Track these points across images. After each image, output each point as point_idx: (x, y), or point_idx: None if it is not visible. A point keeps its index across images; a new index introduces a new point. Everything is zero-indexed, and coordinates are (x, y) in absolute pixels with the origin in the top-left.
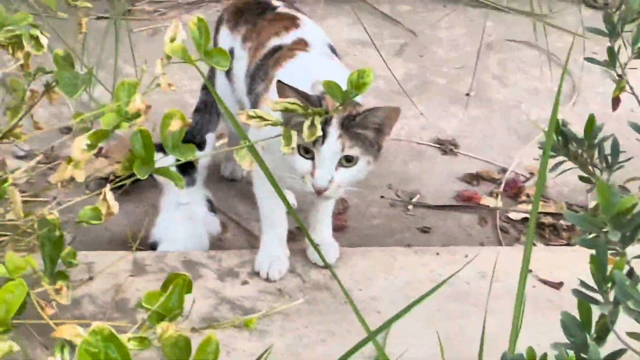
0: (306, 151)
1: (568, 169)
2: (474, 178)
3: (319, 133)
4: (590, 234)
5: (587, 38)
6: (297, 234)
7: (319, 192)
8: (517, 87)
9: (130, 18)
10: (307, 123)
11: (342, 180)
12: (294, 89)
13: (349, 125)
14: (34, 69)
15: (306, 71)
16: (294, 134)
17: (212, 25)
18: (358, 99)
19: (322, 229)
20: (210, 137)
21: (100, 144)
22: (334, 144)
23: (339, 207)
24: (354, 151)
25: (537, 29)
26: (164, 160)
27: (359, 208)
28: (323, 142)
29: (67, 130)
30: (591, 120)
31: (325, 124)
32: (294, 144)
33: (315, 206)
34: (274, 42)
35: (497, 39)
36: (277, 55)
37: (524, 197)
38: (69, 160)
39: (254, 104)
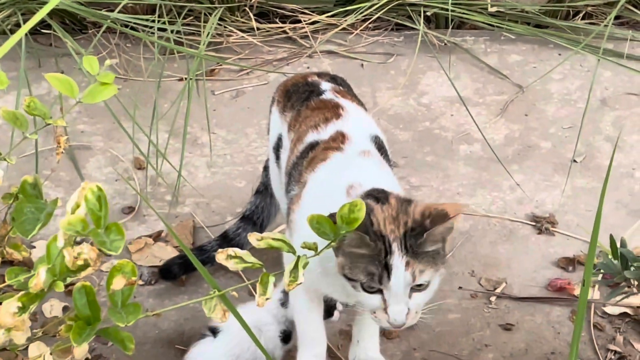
0: (370, 285)
1: None
2: (570, 263)
3: (301, 280)
4: None
5: None
6: (344, 345)
7: (398, 328)
8: (633, 151)
9: (211, 78)
10: (288, 268)
11: (418, 306)
12: None
13: (414, 245)
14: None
15: (339, 175)
16: (271, 280)
17: None
18: None
19: (366, 344)
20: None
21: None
22: (402, 277)
23: None
24: (427, 276)
25: None
26: None
27: (434, 300)
28: (389, 277)
29: None
30: None
31: (386, 255)
32: (269, 295)
33: (361, 315)
34: (312, 137)
35: (615, 93)
36: (312, 154)
37: (626, 288)
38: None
39: (288, 209)
